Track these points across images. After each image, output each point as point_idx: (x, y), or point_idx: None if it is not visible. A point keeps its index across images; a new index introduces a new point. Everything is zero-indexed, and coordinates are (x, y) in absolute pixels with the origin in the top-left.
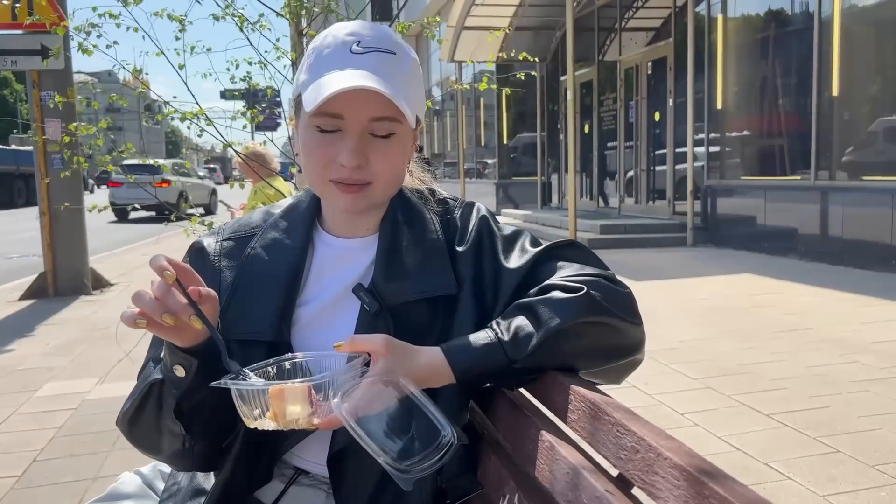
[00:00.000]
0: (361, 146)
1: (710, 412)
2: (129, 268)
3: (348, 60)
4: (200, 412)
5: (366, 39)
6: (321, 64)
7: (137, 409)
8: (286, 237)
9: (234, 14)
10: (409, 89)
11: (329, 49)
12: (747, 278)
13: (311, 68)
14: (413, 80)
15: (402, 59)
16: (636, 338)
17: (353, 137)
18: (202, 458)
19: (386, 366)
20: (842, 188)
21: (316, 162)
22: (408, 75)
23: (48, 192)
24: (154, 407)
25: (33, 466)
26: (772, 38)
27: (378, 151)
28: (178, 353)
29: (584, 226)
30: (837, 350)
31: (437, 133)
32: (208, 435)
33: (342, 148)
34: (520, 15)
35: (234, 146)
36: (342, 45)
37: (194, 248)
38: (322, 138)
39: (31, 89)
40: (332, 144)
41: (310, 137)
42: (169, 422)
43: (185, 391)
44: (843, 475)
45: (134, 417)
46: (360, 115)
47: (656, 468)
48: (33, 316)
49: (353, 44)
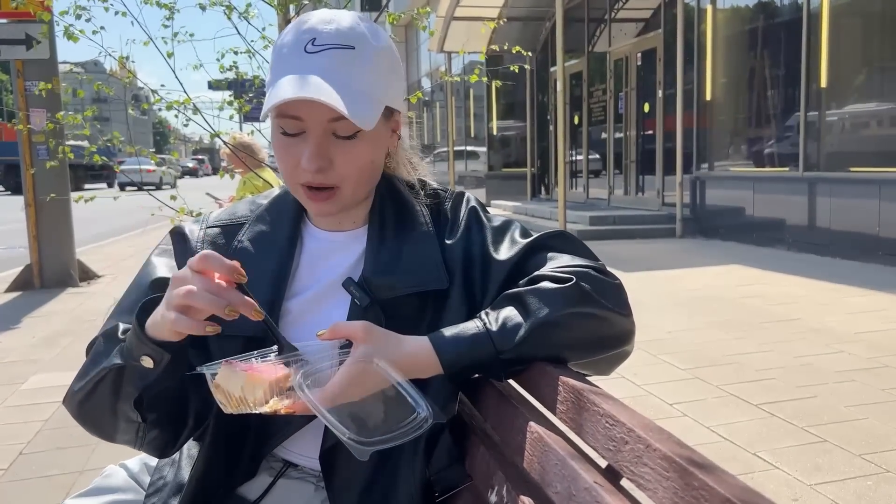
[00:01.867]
0: (322, 149)
1: (698, 402)
2: (116, 259)
3: (301, 62)
4: (159, 403)
5: (322, 36)
6: (279, 65)
7: (90, 392)
8: (274, 230)
9: (222, 3)
10: (371, 83)
11: (286, 48)
12: (735, 269)
13: (273, 69)
14: (379, 70)
15: (362, 52)
16: (625, 329)
17: (314, 140)
18: (153, 446)
19: (365, 351)
20: (829, 179)
21: (285, 165)
22: (371, 67)
23: (33, 182)
24: (109, 391)
25: (19, 459)
26: (761, 30)
27: (342, 152)
28: (149, 344)
29: (574, 217)
30: (824, 340)
31: (427, 124)
32: (160, 424)
33: (303, 151)
34: (509, 5)
35: (222, 136)
36: (297, 43)
37: (176, 232)
38: (286, 141)
39: (16, 79)
40: (296, 146)
41: (276, 140)
42: (126, 408)
43: (150, 382)
44: (829, 464)
45: (85, 399)
46: (317, 117)
47: (645, 459)
48: (19, 308)
49: (307, 42)
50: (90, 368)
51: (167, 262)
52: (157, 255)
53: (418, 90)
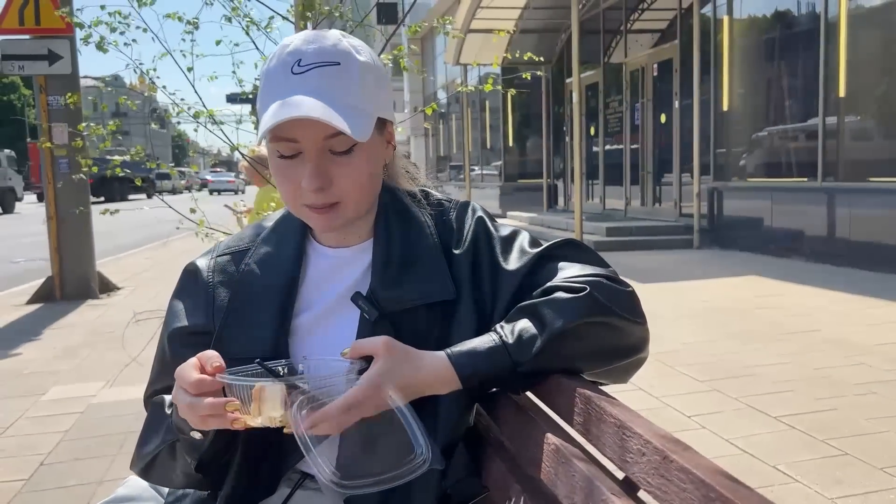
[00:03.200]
0: (321, 168)
1: (715, 415)
2: (136, 271)
3: (289, 85)
4: (217, 459)
5: (306, 55)
6: (268, 90)
7: (152, 462)
8: (279, 250)
9: (243, 17)
10: (360, 96)
11: (274, 73)
12: (753, 280)
13: (262, 94)
14: (366, 83)
15: (347, 67)
16: (640, 337)
17: (311, 160)
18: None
19: (385, 366)
20: (848, 189)
21: (285, 189)
22: (358, 81)
23: (55, 196)
24: (169, 458)
25: (40, 470)
26: (778, 40)
27: (340, 169)
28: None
29: (590, 228)
30: (843, 352)
31: (443, 136)
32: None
33: (303, 173)
34: (525, 17)
35: (241, 149)
36: (283, 66)
37: (187, 270)
38: (285, 164)
39: (39, 94)
40: (295, 168)
41: (274, 164)
42: (187, 470)
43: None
44: (850, 477)
45: (149, 467)
46: (312, 136)
47: (662, 471)
48: (40, 320)
49: (293, 64)
50: (149, 437)
51: (183, 307)
52: (175, 298)
53: (433, 102)
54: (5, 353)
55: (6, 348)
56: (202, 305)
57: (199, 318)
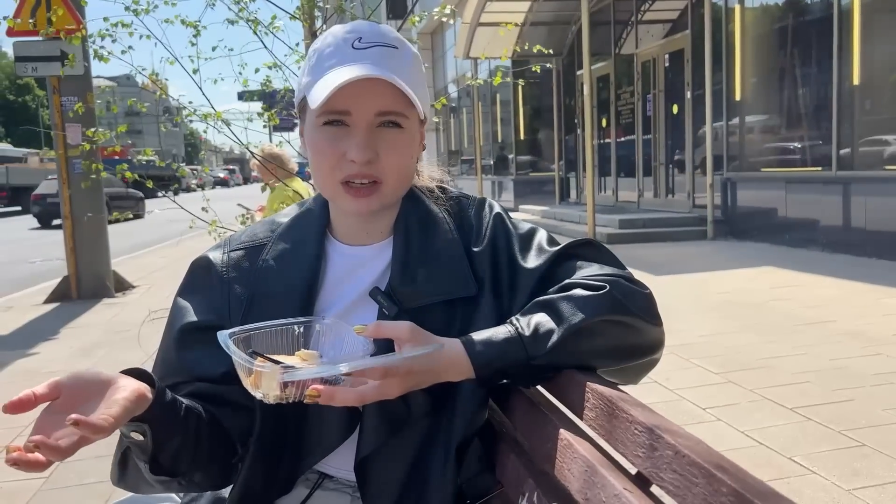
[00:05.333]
0: (370, 140)
1: (731, 407)
2: (151, 270)
3: (351, 55)
4: (181, 456)
5: (367, 35)
6: (323, 63)
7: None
8: (298, 248)
9: (248, 18)
10: (415, 82)
11: (330, 48)
12: (768, 271)
13: (314, 69)
14: (417, 74)
15: (404, 53)
16: (655, 338)
17: (361, 132)
18: (205, 486)
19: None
20: (864, 178)
21: (325, 161)
22: (411, 68)
23: (70, 197)
24: (132, 466)
25: (59, 468)
26: (790, 28)
27: (387, 144)
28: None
29: (603, 220)
30: (860, 343)
31: (454, 130)
32: (200, 468)
33: (351, 144)
34: (534, 10)
35: (252, 148)
36: (343, 42)
37: (198, 265)
38: (331, 135)
39: (52, 95)
40: (341, 140)
41: (318, 136)
42: (151, 476)
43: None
44: (868, 469)
45: (119, 479)
46: (366, 109)
47: (675, 465)
48: (57, 319)
49: (354, 40)
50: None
51: (192, 302)
52: (182, 294)
53: (443, 96)
54: (23, 353)
55: (24, 347)
56: (217, 299)
57: (211, 314)
